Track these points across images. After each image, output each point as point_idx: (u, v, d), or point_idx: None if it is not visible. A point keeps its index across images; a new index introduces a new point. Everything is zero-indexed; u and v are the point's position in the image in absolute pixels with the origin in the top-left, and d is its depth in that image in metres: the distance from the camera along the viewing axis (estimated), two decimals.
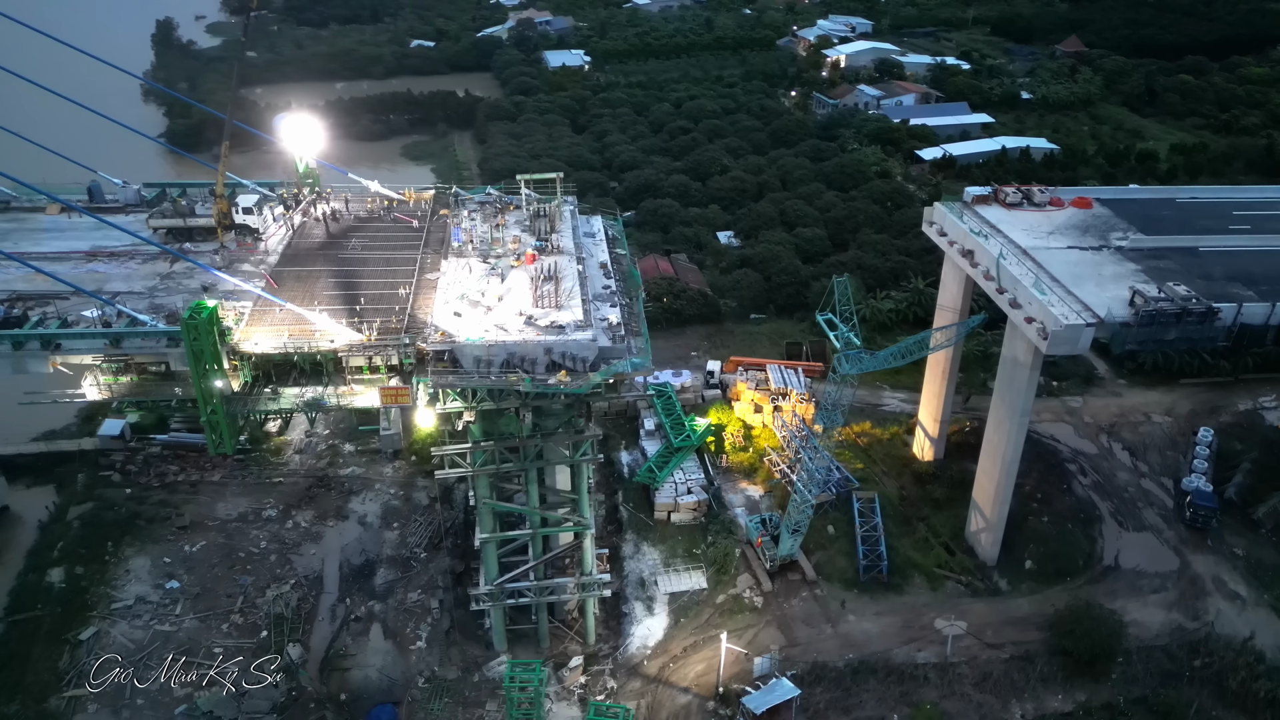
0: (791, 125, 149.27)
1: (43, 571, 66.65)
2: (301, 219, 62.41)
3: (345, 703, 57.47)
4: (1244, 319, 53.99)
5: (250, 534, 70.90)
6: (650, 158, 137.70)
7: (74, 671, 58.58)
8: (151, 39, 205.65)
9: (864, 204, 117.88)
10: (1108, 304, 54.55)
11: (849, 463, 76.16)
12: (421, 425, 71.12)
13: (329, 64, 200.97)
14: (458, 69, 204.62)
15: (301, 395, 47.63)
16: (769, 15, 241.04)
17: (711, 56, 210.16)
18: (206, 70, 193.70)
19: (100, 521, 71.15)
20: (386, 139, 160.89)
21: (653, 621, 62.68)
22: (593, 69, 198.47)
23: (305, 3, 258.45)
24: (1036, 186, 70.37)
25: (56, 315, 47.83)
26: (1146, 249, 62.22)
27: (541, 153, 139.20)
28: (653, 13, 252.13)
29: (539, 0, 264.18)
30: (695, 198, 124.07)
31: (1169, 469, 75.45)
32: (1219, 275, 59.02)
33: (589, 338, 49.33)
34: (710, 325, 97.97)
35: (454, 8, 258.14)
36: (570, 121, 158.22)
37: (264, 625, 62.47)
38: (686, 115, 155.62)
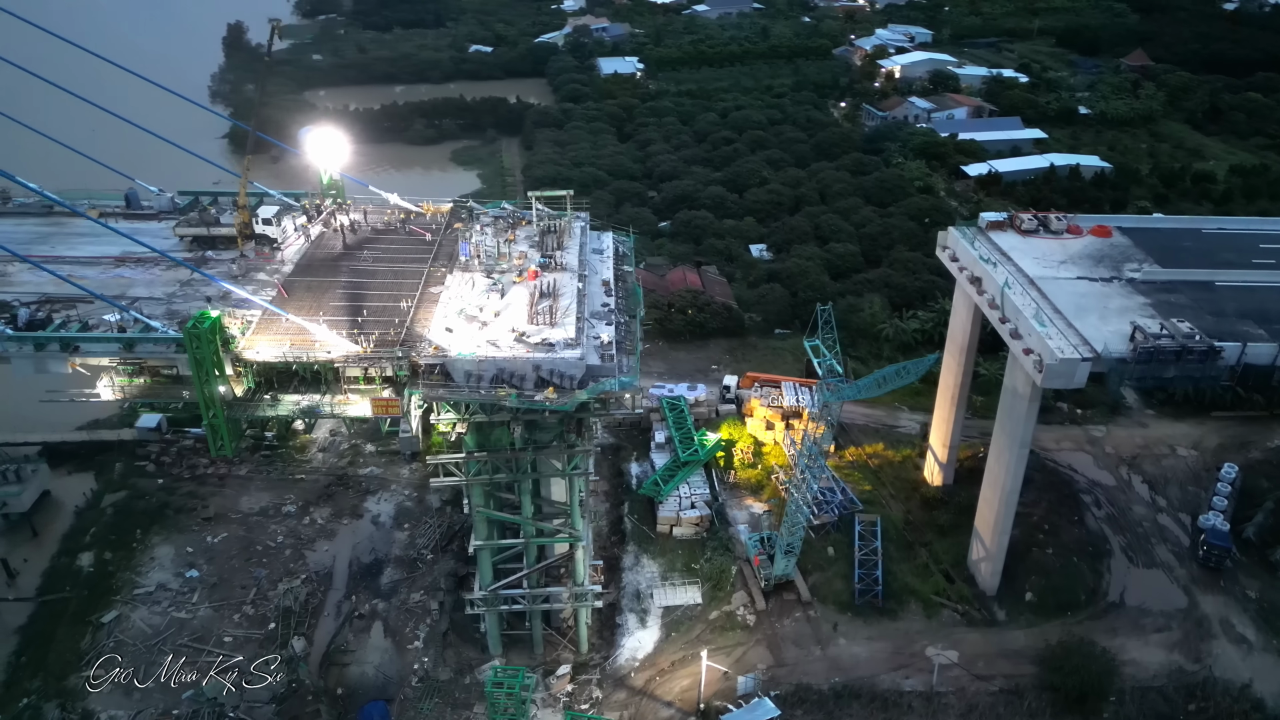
0: (836, 138, 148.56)
1: (74, 555, 70.55)
2: (321, 230, 64.85)
3: (341, 697, 59.73)
4: (1249, 359, 52.69)
5: (269, 528, 73.92)
6: (691, 168, 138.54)
7: (93, 652, 62.08)
8: (223, 42, 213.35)
9: (900, 220, 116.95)
10: (1108, 338, 53.84)
11: (857, 484, 76.10)
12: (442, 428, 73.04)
13: (389, 68, 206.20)
14: (514, 74, 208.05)
15: (299, 403, 49.74)
16: (826, 24, 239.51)
17: (765, 65, 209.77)
18: (272, 73, 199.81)
19: (131, 510, 74.94)
20: (438, 143, 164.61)
21: (644, 634, 63.66)
22: (645, 76, 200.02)
23: (371, 7, 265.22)
24: (1054, 214, 69.40)
25: (77, 319, 50.86)
26: (1159, 282, 61.04)
27: (584, 161, 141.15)
28: (711, 20, 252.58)
29: (598, 7, 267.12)
30: (731, 209, 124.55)
31: (1189, 505, 73.63)
32: (1231, 311, 57.64)
33: (577, 356, 50.51)
34: (734, 339, 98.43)
35: (515, 13, 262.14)
36: (616, 130, 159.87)
37: (273, 618, 65.20)
38: (732, 125, 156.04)
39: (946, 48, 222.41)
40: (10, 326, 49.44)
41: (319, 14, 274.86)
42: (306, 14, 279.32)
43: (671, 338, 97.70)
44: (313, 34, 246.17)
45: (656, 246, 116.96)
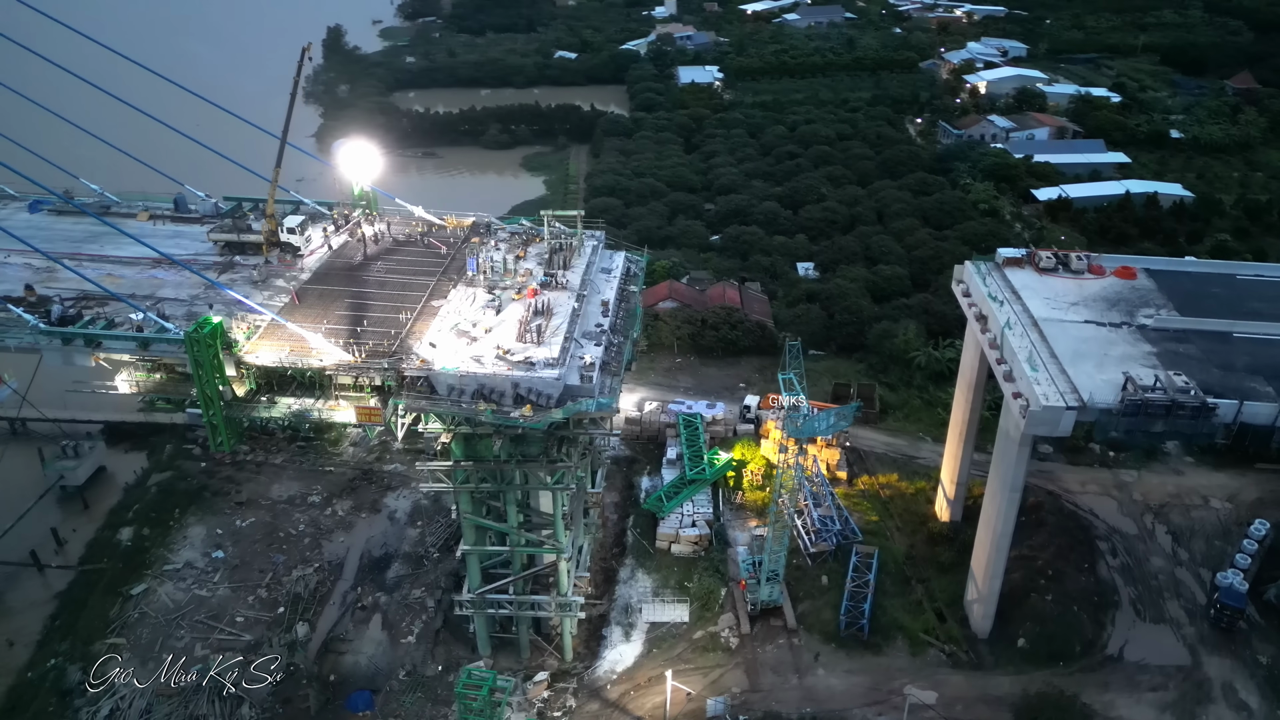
0: (903, 156, 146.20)
1: (116, 529, 76.23)
2: (346, 239, 68.31)
3: (333, 683, 63.06)
4: (1246, 418, 50.60)
5: (293, 516, 78.24)
6: (751, 182, 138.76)
7: (118, 622, 67.18)
8: (323, 44, 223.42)
9: (954, 245, 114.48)
10: (1099, 388, 52.49)
11: (864, 514, 75.65)
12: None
13: (475, 72, 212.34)
14: (596, 81, 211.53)
15: (291, 406, 52.99)
16: (916, 36, 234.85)
17: (848, 77, 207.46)
18: (365, 75, 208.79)
19: (173, 490, 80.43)
20: (511, 149, 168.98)
21: (627, 648, 65.01)
22: (723, 86, 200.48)
23: (468, 11, 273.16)
24: (1077, 253, 67.60)
25: (104, 317, 55.34)
26: (1172, 330, 58.93)
27: (646, 171, 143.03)
28: (799, 29, 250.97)
29: (687, 15, 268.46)
30: (784, 225, 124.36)
31: (1212, 560, 70.52)
32: (1242, 365, 55.31)
33: (554, 375, 52.17)
34: (766, 358, 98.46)
35: (605, 19, 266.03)
36: (685, 140, 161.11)
37: (283, 602, 69.14)
38: (799, 139, 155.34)
39: (1041, 63, 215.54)
40: (44, 321, 54.15)
41: (420, 17, 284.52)
42: (408, 16, 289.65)
43: (704, 353, 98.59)
44: (409, 36, 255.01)
45: (704, 260, 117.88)
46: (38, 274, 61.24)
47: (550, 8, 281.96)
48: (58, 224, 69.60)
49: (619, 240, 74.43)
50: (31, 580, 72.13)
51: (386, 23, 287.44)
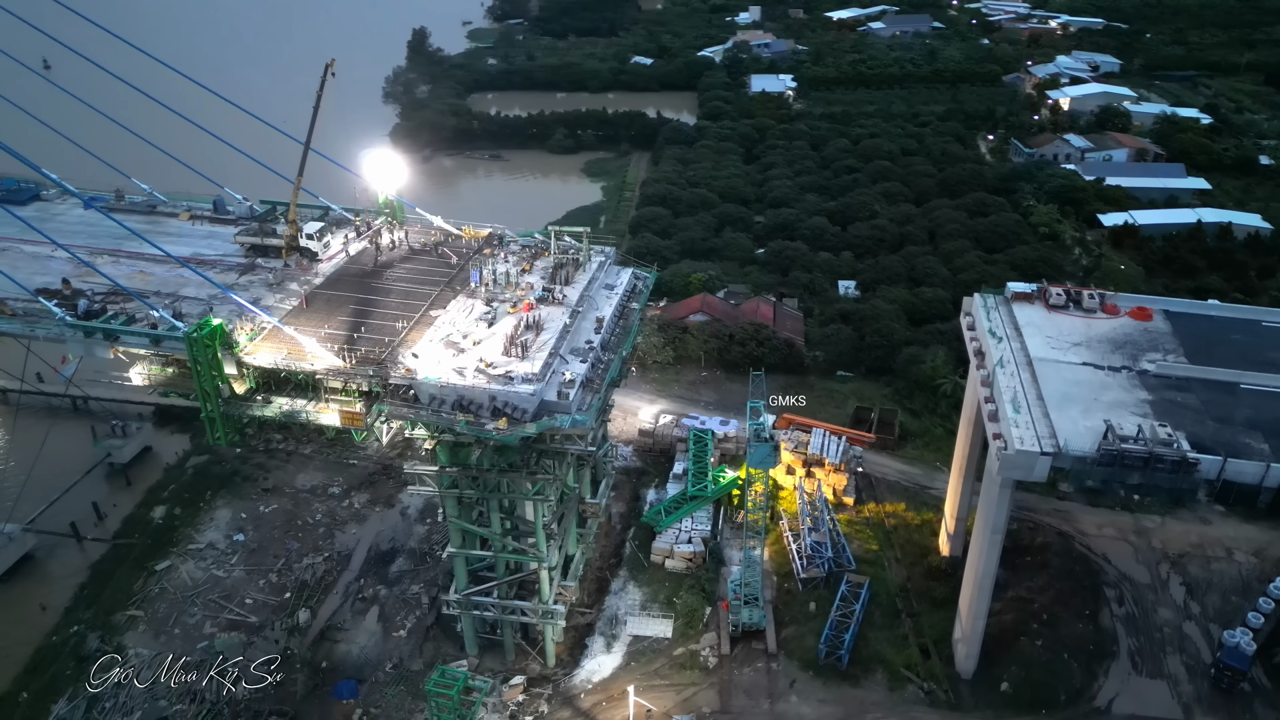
0: (965, 174, 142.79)
1: (151, 507, 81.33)
2: (364, 247, 71.17)
3: (324, 670, 66.09)
4: (1230, 476, 48.60)
5: (313, 505, 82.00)
6: (805, 195, 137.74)
7: (139, 595, 71.80)
8: (407, 45, 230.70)
9: (1002, 269, 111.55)
10: (1079, 434, 51.20)
11: (864, 542, 74.97)
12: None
13: (551, 75, 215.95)
14: (669, 87, 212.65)
15: (282, 406, 55.92)
16: (1002, 49, 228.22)
17: (925, 89, 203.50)
18: (445, 76, 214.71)
19: (207, 473, 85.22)
20: (575, 154, 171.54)
21: (607, 659, 66.12)
22: (796, 95, 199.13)
23: (553, 14, 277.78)
24: (1088, 290, 65.56)
25: (125, 312, 59.37)
26: (1175, 377, 56.82)
27: (701, 180, 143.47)
28: (882, 39, 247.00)
29: (770, 22, 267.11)
30: (830, 242, 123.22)
31: (1224, 617, 67.45)
32: (1241, 419, 53.05)
33: (530, 391, 53.67)
34: (793, 377, 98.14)
35: (687, 25, 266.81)
36: (745, 150, 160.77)
37: (290, 588, 72.74)
38: (861, 154, 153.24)
39: (1133, 80, 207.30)
40: (70, 314, 58.47)
41: (507, 19, 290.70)
42: (497, 18, 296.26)
43: (730, 369, 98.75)
44: (494, 38, 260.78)
45: (745, 274, 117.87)
46: (79, 268, 65.88)
47: (634, 12, 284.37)
48: (106, 221, 74.45)
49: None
50: (70, 550, 77.58)
51: (476, 24, 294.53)
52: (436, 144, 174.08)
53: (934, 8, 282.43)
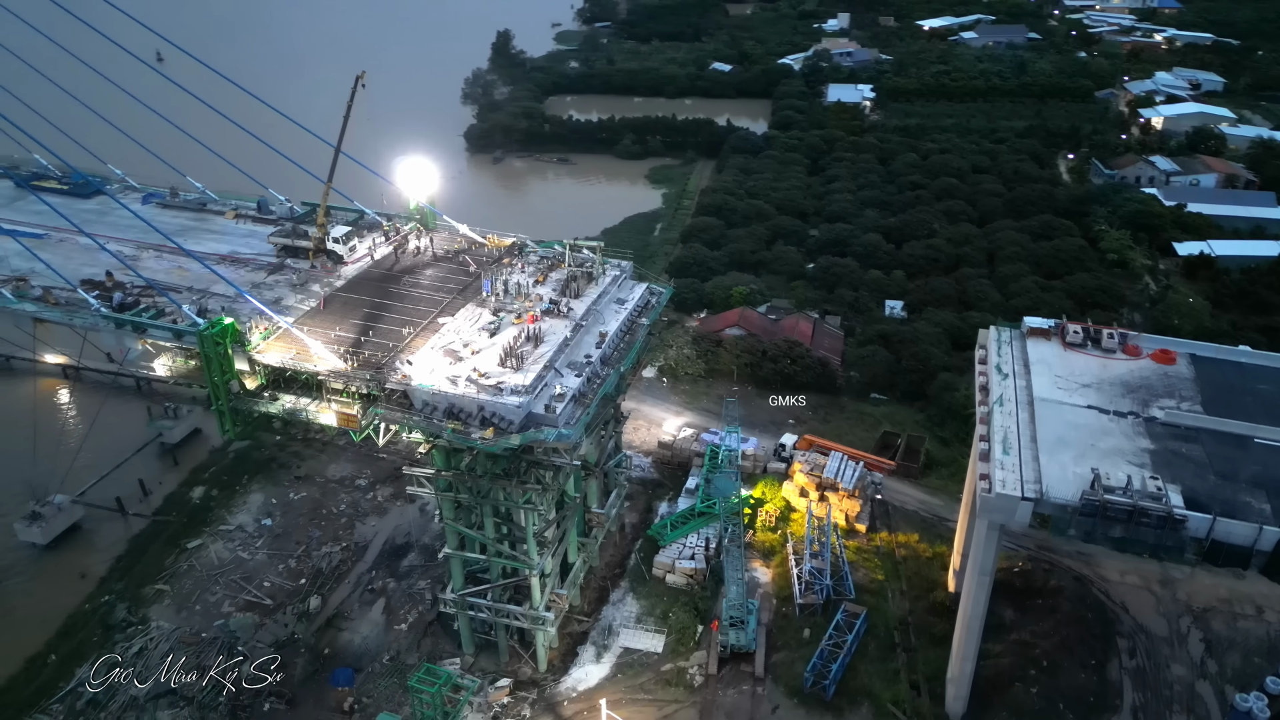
0: (1035, 195, 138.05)
1: (191, 487, 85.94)
2: (389, 251, 73.64)
3: (325, 656, 68.83)
4: (1219, 535, 46.31)
5: (339, 496, 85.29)
6: (864, 210, 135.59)
7: (169, 571, 76.07)
8: (491, 46, 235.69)
9: (1057, 297, 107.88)
10: (1068, 481, 49.56)
11: (870, 572, 73.82)
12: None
13: (629, 80, 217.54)
14: (745, 95, 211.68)
15: (286, 404, 58.62)
16: (1097, 63, 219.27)
17: (1010, 104, 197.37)
18: (525, 78, 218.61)
19: (247, 458, 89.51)
20: (642, 159, 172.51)
21: (595, 668, 66.94)
22: (874, 106, 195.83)
23: (640, 18, 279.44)
24: (1112, 329, 63.05)
25: (155, 306, 63.13)
26: (1184, 427, 54.31)
27: (759, 191, 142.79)
28: (973, 49, 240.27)
29: (858, 30, 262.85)
30: (882, 260, 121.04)
31: (1243, 679, 63.83)
32: (1246, 477, 50.41)
33: (517, 403, 54.95)
34: (824, 396, 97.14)
35: (771, 31, 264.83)
36: (811, 162, 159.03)
37: (306, 575, 75.93)
38: (928, 169, 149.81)
39: (1237, 99, 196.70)
40: (105, 306, 62.52)
41: (596, 21, 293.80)
42: (585, 21, 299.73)
43: (762, 385, 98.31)
44: (578, 41, 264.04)
45: (791, 289, 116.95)
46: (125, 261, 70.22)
47: (720, 18, 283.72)
48: (160, 216, 79.14)
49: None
50: (114, 523, 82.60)
51: (565, 26, 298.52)
52: (508, 145, 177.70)
53: (1033, 18, 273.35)
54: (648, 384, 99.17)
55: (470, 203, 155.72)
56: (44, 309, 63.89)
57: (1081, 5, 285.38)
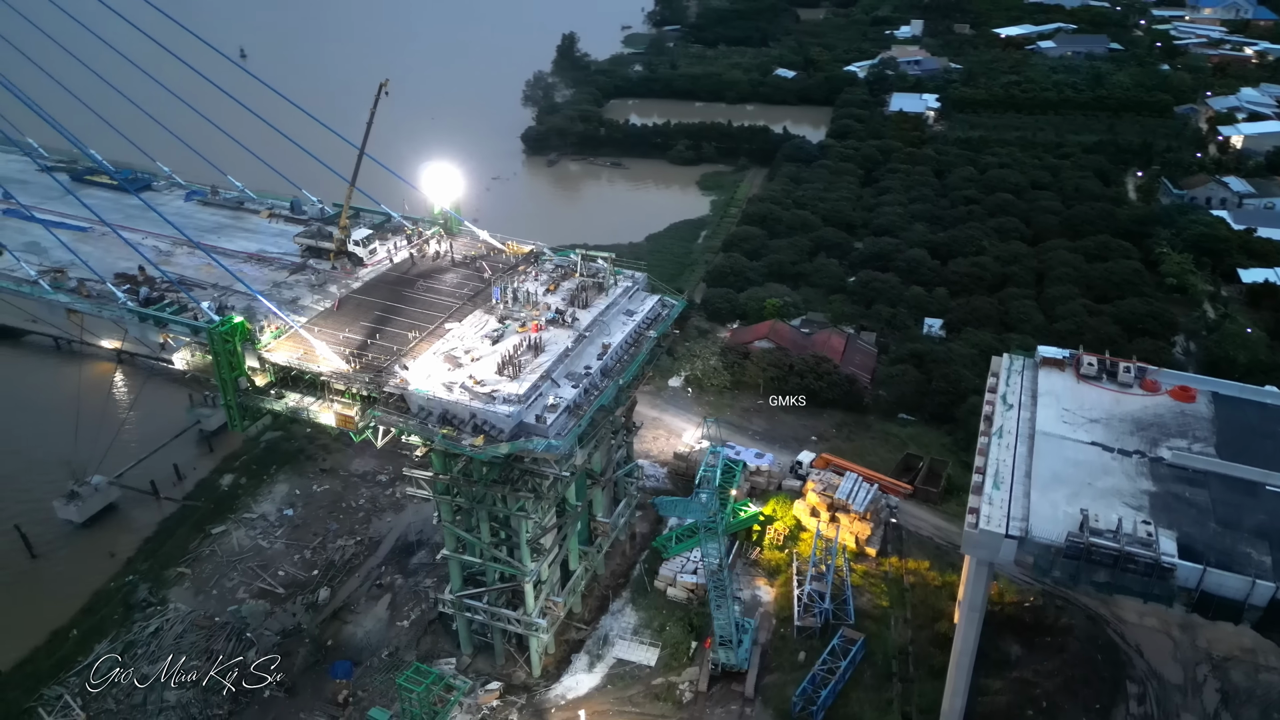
0: (1093, 214, 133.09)
1: (222, 474, 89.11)
2: (409, 255, 75.03)
3: (328, 648, 70.66)
4: (1209, 587, 44.22)
5: (360, 490, 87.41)
6: (913, 224, 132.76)
7: (191, 555, 79.01)
8: (556, 49, 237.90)
9: (1102, 322, 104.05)
10: (1058, 520, 47.97)
11: (875, 598, 72.47)
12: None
13: (691, 84, 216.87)
14: (807, 101, 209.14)
15: (289, 403, 60.35)
16: (1179, 77, 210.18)
17: (1082, 117, 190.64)
18: (587, 81, 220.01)
19: (276, 449, 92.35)
20: (695, 165, 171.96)
21: (586, 677, 67.30)
22: (938, 117, 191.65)
23: (709, 22, 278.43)
24: (1130, 363, 60.63)
25: (178, 302, 65.65)
26: (1189, 470, 51.95)
27: (806, 202, 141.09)
28: (1050, 59, 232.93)
29: (931, 37, 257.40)
30: (925, 276, 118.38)
31: None
32: (1250, 525, 48.01)
33: (507, 411, 55.59)
34: (850, 414, 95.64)
35: (841, 37, 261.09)
36: (865, 173, 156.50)
37: (320, 566, 78.03)
38: (984, 184, 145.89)
39: None
40: (133, 300, 65.29)
41: (666, 25, 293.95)
42: (656, 24, 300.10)
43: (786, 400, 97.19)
44: (645, 44, 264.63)
45: (829, 303, 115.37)
46: (160, 255, 73.23)
47: (791, 23, 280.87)
48: (199, 213, 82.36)
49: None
50: (147, 506, 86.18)
51: (635, 29, 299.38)
52: (563, 148, 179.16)
53: (1117, 28, 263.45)
54: (672, 393, 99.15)
55: (522, 204, 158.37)
56: (76, 300, 66.99)
57: (1170, 15, 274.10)
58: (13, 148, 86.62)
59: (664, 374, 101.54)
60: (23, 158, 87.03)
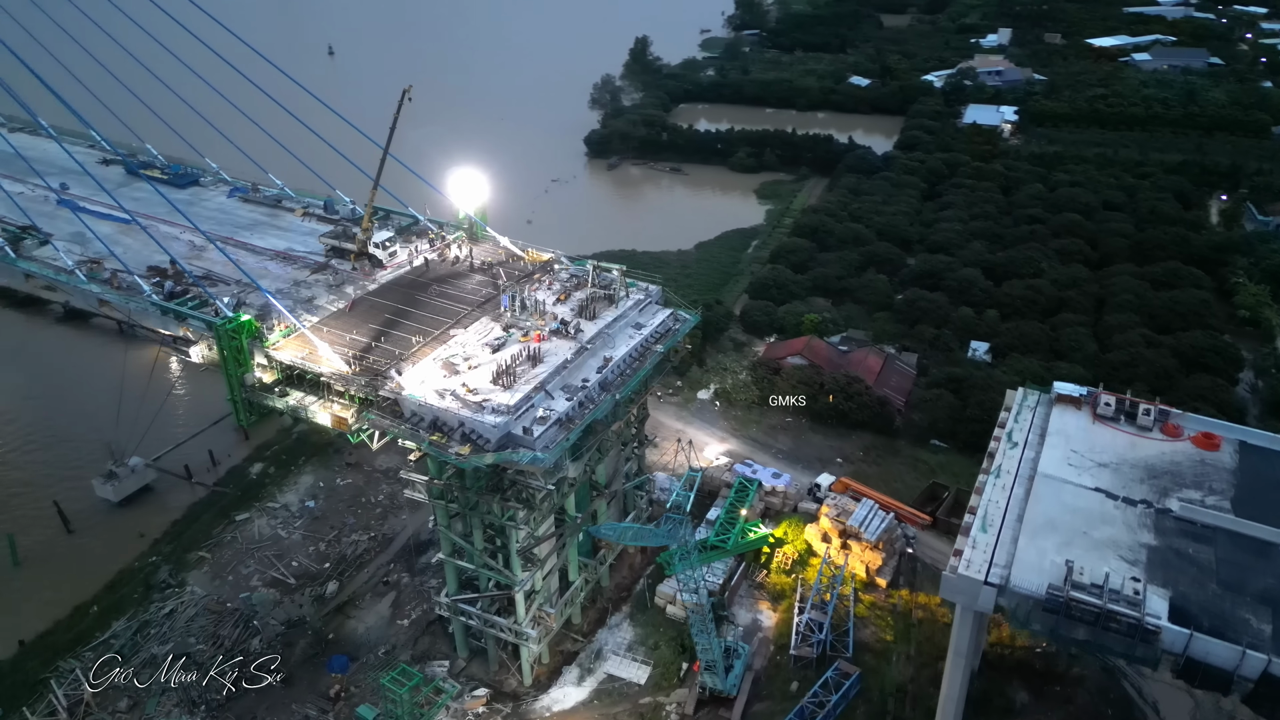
0: (1167, 239, 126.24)
1: (253, 463, 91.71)
2: (428, 259, 75.83)
3: (330, 641, 71.95)
4: (1196, 654, 41.26)
5: (380, 486, 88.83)
6: (970, 242, 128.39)
7: (213, 540, 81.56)
8: (629, 52, 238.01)
9: (1160, 354, 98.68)
10: (1044, 570, 45.51)
11: (879, 631, 70.23)
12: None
13: (761, 91, 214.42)
14: (879, 110, 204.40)
15: (290, 401, 61.64)
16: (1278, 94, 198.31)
17: (1170, 135, 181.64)
18: (656, 86, 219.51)
19: (306, 441, 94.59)
20: (755, 173, 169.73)
21: (575, 691, 66.96)
22: (1015, 130, 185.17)
23: (787, 27, 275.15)
24: (1147, 404, 57.18)
25: (199, 296, 67.74)
26: (1199, 524, 48.65)
27: (862, 215, 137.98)
28: (1143, 72, 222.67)
29: (1017, 47, 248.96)
30: (976, 298, 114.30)
31: None
32: (1253, 589, 44.66)
33: (494, 422, 55.60)
34: (880, 437, 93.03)
35: (923, 45, 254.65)
36: (928, 187, 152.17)
37: (332, 559, 79.60)
38: (1051, 203, 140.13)
39: None
40: (159, 293, 67.70)
41: (745, 29, 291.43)
42: (735, 28, 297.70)
43: (817, 419, 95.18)
44: (721, 49, 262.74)
45: (873, 320, 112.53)
46: (193, 250, 75.70)
47: (873, 30, 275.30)
48: (239, 209, 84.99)
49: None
50: (181, 489, 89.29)
51: (715, 32, 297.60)
52: (624, 152, 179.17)
53: (1220, 41, 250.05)
54: (700, 406, 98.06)
55: (577, 207, 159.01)
56: (107, 291, 69.79)
57: (1278, 30, 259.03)
58: (78, 139, 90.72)
59: (694, 386, 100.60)
60: (87, 149, 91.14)
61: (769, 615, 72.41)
